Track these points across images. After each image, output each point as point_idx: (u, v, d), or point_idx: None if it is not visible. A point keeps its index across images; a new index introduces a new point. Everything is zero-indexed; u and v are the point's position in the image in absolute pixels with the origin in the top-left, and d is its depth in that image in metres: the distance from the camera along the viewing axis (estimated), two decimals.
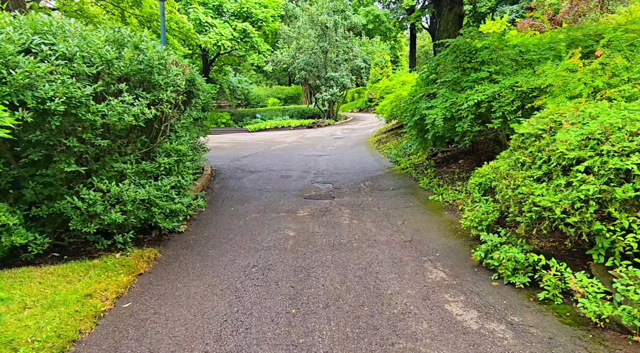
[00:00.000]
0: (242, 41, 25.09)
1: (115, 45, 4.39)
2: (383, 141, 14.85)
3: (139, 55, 4.43)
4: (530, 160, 3.74)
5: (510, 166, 4.02)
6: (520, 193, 3.61)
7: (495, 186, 4.62)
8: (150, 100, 4.51)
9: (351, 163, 11.25)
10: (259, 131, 23.98)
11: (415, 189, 7.75)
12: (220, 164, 11.14)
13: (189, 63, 20.43)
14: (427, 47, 54.55)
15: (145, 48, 4.50)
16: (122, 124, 4.08)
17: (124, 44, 4.45)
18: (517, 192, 3.65)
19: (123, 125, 4.10)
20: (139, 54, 4.43)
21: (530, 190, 3.51)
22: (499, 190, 3.98)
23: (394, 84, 16.48)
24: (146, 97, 4.44)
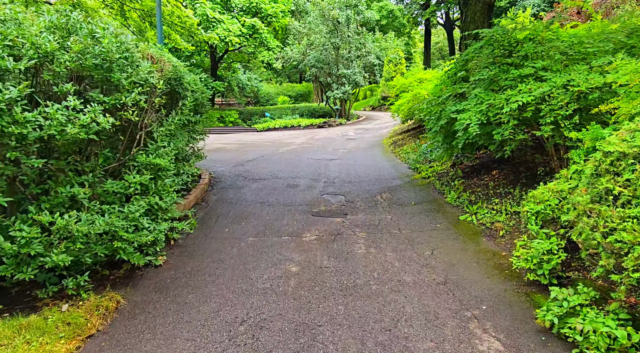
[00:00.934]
0: (251, 37, 24.03)
1: (61, 33, 3.35)
2: (399, 143, 13.68)
3: (95, 46, 3.38)
4: (630, 194, 2.60)
5: (592, 197, 2.88)
6: (618, 241, 2.47)
7: (560, 217, 3.48)
8: (110, 105, 3.46)
9: (365, 169, 10.12)
10: (267, 130, 22.95)
11: (441, 205, 6.60)
12: (222, 169, 10.10)
13: (197, 59, 19.73)
14: (441, 43, 53.03)
15: (101, 36, 3.44)
16: (65, 138, 3.04)
17: (74, 31, 3.40)
18: (612, 239, 2.52)
19: (67, 138, 3.06)
20: (94, 45, 3.37)
21: (637, 239, 2.37)
22: (579, 231, 2.84)
23: (411, 81, 15.31)
24: (103, 101, 3.39)
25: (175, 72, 5.19)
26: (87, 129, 3.13)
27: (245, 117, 26.37)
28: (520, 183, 6.03)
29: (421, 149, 10.89)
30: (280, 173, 9.65)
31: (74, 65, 3.17)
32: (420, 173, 9.00)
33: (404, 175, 9.14)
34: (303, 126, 22.92)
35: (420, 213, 6.29)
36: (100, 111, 3.22)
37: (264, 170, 10.04)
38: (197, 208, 6.61)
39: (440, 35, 54.13)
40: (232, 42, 22.33)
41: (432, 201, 6.88)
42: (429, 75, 15.52)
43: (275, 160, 11.71)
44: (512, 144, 5.46)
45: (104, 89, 3.64)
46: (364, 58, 23.82)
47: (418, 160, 9.99)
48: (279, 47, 25.33)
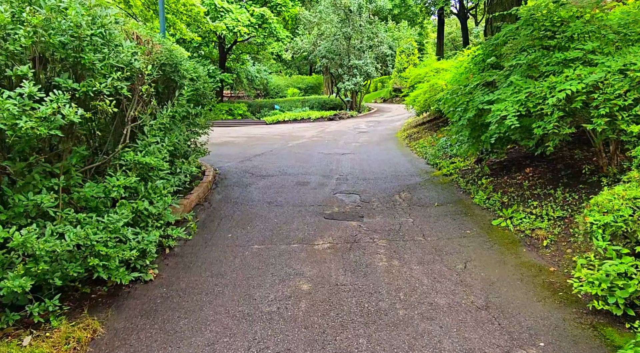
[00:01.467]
0: (260, 28, 23.29)
1: (18, 3, 2.70)
2: (414, 137, 12.92)
3: (61, 20, 2.73)
4: None
5: None
6: None
7: (637, 232, 2.77)
8: (81, 93, 2.82)
9: (380, 165, 9.42)
10: (276, 123, 22.29)
11: (469, 207, 5.90)
12: (228, 165, 9.47)
13: (206, 50, 19.07)
14: (454, 34, 51.69)
15: (66, 6, 2.77)
16: (19, 134, 2.41)
17: (36, 1, 2.75)
18: None
19: (22, 135, 2.43)
20: (59, 19, 2.72)
21: None
22: None
23: (426, 72, 14.50)
24: (73, 89, 2.75)
25: (170, 57, 4.54)
26: (48, 123, 2.50)
27: (254, 109, 25.73)
28: (562, 184, 5.29)
29: (439, 142, 10.14)
30: (290, 169, 8.99)
31: (31, 42, 2.53)
32: (440, 169, 8.27)
33: (423, 172, 8.42)
34: (313, 119, 22.21)
35: (446, 216, 5.59)
36: (65, 100, 2.58)
37: (273, 165, 9.40)
38: (198, 210, 5.99)
39: (453, 25, 52.75)
40: (240, 33, 21.64)
41: (458, 202, 6.17)
42: (445, 64, 14.68)
43: (284, 154, 11.05)
44: (556, 139, 4.72)
45: (78, 74, 3.00)
46: (376, 48, 22.95)
47: (437, 155, 9.25)
48: (288, 37, 24.56)
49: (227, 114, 24.38)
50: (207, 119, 6.96)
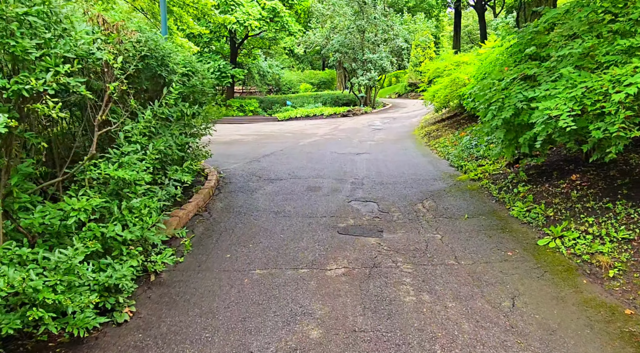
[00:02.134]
0: (272, 21, 22.50)
1: None
2: (434, 135, 12.03)
3: None
4: None
5: None
6: None
7: None
8: (10, 93, 2.10)
9: (398, 166, 8.60)
10: (288, 120, 21.55)
11: (505, 220, 5.06)
12: (234, 166, 8.76)
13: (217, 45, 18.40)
14: (470, 27, 50.17)
15: None
16: None
17: None
18: None
19: None
20: None
21: None
22: None
23: (446, 65, 13.56)
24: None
25: (155, 48, 3.80)
26: None
27: (265, 105, 25.02)
28: (621, 196, 4.43)
29: (463, 142, 9.26)
30: (300, 171, 8.23)
31: None
32: (466, 173, 7.42)
33: (447, 175, 7.58)
34: (326, 115, 21.41)
35: (479, 231, 4.77)
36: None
37: (282, 167, 8.65)
38: (196, 222, 5.28)
39: (470, 18, 51.18)
40: (251, 27, 20.89)
41: (491, 213, 5.34)
42: (466, 57, 13.71)
43: (295, 154, 10.30)
44: (620, 144, 3.86)
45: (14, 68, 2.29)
46: (391, 41, 21.99)
47: (461, 157, 8.38)
48: (300, 31, 23.74)
49: (238, 110, 23.73)
50: (209, 119, 6.24)
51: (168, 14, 13.18)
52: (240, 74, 23.15)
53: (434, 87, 12.33)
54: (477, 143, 8.57)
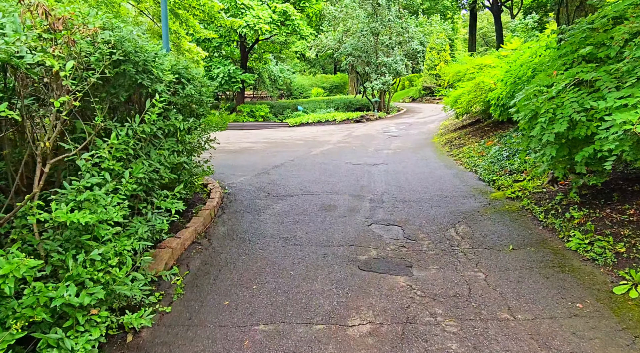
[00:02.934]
0: (283, 25, 21.83)
1: None
2: (456, 143, 11.14)
3: None
4: None
5: None
6: None
7: None
8: None
9: (421, 180, 7.75)
10: (300, 125, 20.82)
11: (561, 255, 4.18)
12: (241, 180, 8.01)
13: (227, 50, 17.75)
14: (485, 29, 49.03)
15: None
16: None
17: None
18: None
19: None
20: None
21: None
22: None
23: (467, 68, 12.67)
24: None
25: (133, 51, 3.04)
26: None
27: (276, 110, 24.33)
28: None
29: (492, 152, 8.36)
30: (313, 186, 7.44)
31: None
32: (500, 189, 6.54)
33: (477, 192, 6.71)
34: (338, 121, 20.62)
35: (531, 269, 3.91)
36: None
37: (293, 181, 7.87)
38: (193, 252, 4.52)
39: (484, 20, 50.04)
40: (262, 30, 20.23)
41: (541, 244, 4.47)
42: (489, 60, 12.80)
43: (307, 165, 9.51)
44: None
45: None
46: (406, 44, 21.12)
47: (492, 170, 7.49)
48: (312, 34, 23.01)
49: (249, 115, 23.08)
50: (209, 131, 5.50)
51: (174, 17, 12.56)
52: (250, 78, 22.52)
53: (455, 91, 11.46)
54: (510, 154, 7.68)
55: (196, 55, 15.28)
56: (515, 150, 7.73)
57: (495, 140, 9.46)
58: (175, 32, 14.63)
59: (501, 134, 9.91)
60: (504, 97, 8.51)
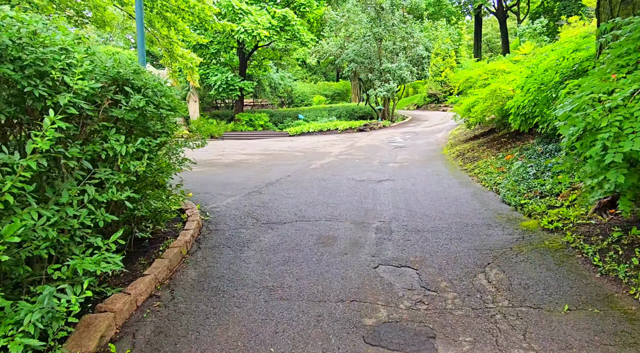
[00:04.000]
0: (282, 31, 20.89)
1: None
2: (469, 156, 10.04)
3: None
4: None
5: None
6: None
7: None
8: None
9: (434, 201, 6.67)
10: (300, 135, 19.81)
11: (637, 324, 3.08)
12: (229, 201, 6.96)
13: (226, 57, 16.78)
14: (489, 35, 48.10)
15: None
16: None
17: None
18: None
19: None
20: None
21: None
22: None
23: (479, 74, 11.60)
24: None
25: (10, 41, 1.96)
26: None
27: (276, 119, 23.34)
28: None
29: (515, 169, 7.27)
30: (309, 209, 6.38)
31: None
32: (532, 216, 5.43)
33: (503, 218, 5.61)
34: (341, 130, 19.58)
35: (606, 347, 2.80)
36: None
37: (287, 202, 6.81)
38: (146, 312, 3.43)
39: (488, 26, 49.10)
40: (260, 36, 19.30)
41: (606, 302, 3.35)
42: (503, 65, 11.74)
43: (304, 182, 8.44)
44: None
45: None
46: (411, 50, 20.12)
47: (517, 190, 6.39)
48: (313, 40, 22.05)
49: (247, 125, 22.09)
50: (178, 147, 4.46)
51: (162, 20, 11.58)
52: (249, 86, 21.55)
53: (468, 99, 10.39)
54: (538, 172, 6.59)
55: (190, 62, 14.31)
56: (544, 167, 6.63)
57: (515, 153, 8.36)
58: (167, 37, 13.68)
59: (521, 146, 8.81)
60: (527, 105, 7.45)
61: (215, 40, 21.53)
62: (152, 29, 13.62)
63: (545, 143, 7.70)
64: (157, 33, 13.48)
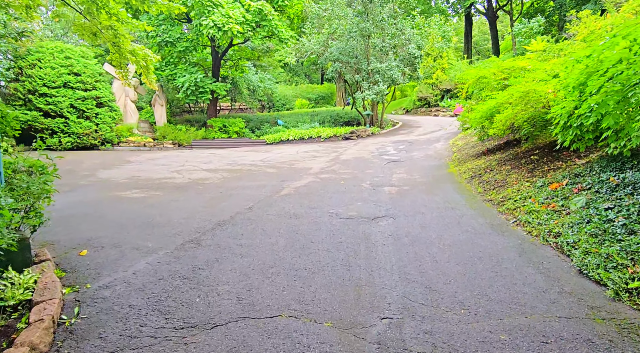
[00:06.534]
0: (259, 27, 18.18)
1: None
2: (488, 179, 7.50)
3: None
4: None
5: None
6: None
7: None
8: None
9: (461, 263, 4.12)
10: (279, 143, 17.16)
11: None
12: (141, 266, 4.28)
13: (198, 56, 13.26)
14: (477, 37, 46.12)
15: None
16: None
17: None
18: None
19: None
20: None
21: None
22: None
23: (495, 72, 9.12)
24: None
25: None
26: None
27: (254, 125, 20.61)
28: None
29: (576, 209, 4.73)
30: (265, 287, 3.74)
31: None
32: None
33: (599, 314, 3.06)
34: (324, 138, 16.98)
35: None
36: None
37: (233, 267, 4.15)
38: None
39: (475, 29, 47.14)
40: (232, 32, 16.54)
41: None
42: (522, 62, 9.24)
43: (268, 223, 5.78)
44: None
45: None
46: (402, 48, 17.63)
47: (604, 254, 3.83)
48: (293, 38, 19.38)
49: (221, 131, 19.32)
50: None
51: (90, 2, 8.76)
52: (221, 89, 18.77)
53: (485, 104, 7.87)
54: (629, 222, 4.05)
55: (143, 59, 11.52)
56: (638, 214, 4.11)
57: (563, 180, 5.85)
58: (110, 28, 10.88)
59: (567, 169, 6.31)
60: (592, 114, 4.95)
61: (184, 37, 18.72)
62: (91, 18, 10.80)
63: (616, 169, 5.21)
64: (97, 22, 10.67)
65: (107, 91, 17.13)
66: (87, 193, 8.16)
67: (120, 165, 12.05)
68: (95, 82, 16.54)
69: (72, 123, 15.53)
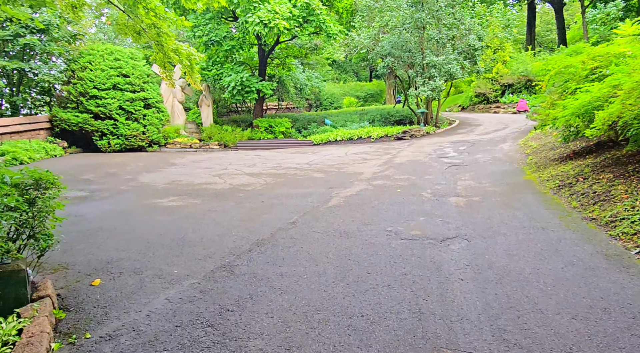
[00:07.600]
0: (306, 22, 17.32)
1: None
2: (583, 189, 6.05)
3: None
4: None
5: None
6: None
7: None
8: None
9: (578, 318, 2.90)
10: (326, 144, 16.23)
11: None
12: (158, 304, 3.44)
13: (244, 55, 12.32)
14: (538, 27, 42.58)
15: None
16: None
17: None
18: None
19: None
20: None
21: None
22: None
23: (584, 60, 7.52)
24: None
25: None
26: None
27: (300, 125, 19.81)
28: None
29: None
30: (309, 341, 2.74)
31: None
32: None
33: None
34: (374, 138, 15.81)
35: None
36: None
37: (270, 310, 3.18)
38: None
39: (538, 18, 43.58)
40: (279, 28, 15.80)
41: None
42: (621, 47, 7.58)
43: (314, 244, 4.80)
44: None
45: None
46: (461, 39, 16.04)
47: None
48: (342, 33, 18.33)
49: (267, 131, 18.68)
50: None
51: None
52: (267, 88, 18.12)
53: (579, 98, 6.39)
54: None
55: (186, 58, 11.01)
56: None
57: None
58: (153, 26, 10.44)
59: None
60: None
61: (230, 36, 18.28)
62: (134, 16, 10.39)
63: None
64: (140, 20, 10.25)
65: (155, 92, 17.02)
66: (123, 200, 7.63)
67: (163, 168, 11.63)
68: (143, 83, 16.46)
69: (120, 125, 15.51)
